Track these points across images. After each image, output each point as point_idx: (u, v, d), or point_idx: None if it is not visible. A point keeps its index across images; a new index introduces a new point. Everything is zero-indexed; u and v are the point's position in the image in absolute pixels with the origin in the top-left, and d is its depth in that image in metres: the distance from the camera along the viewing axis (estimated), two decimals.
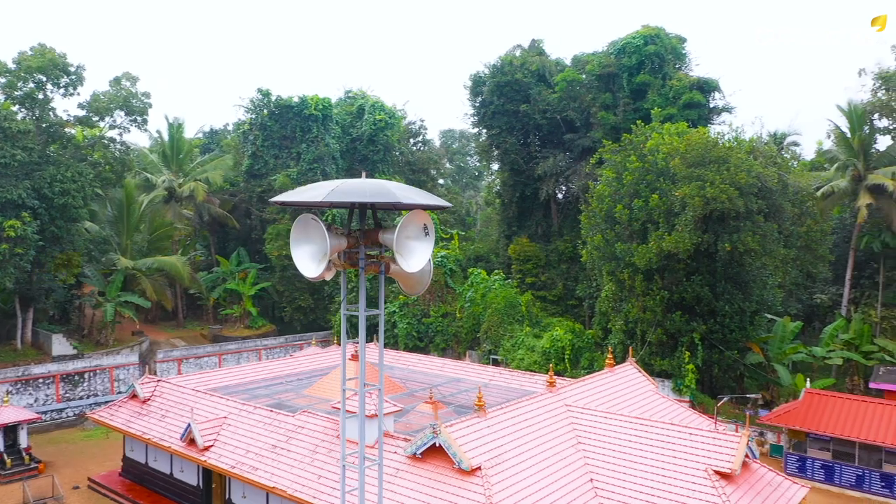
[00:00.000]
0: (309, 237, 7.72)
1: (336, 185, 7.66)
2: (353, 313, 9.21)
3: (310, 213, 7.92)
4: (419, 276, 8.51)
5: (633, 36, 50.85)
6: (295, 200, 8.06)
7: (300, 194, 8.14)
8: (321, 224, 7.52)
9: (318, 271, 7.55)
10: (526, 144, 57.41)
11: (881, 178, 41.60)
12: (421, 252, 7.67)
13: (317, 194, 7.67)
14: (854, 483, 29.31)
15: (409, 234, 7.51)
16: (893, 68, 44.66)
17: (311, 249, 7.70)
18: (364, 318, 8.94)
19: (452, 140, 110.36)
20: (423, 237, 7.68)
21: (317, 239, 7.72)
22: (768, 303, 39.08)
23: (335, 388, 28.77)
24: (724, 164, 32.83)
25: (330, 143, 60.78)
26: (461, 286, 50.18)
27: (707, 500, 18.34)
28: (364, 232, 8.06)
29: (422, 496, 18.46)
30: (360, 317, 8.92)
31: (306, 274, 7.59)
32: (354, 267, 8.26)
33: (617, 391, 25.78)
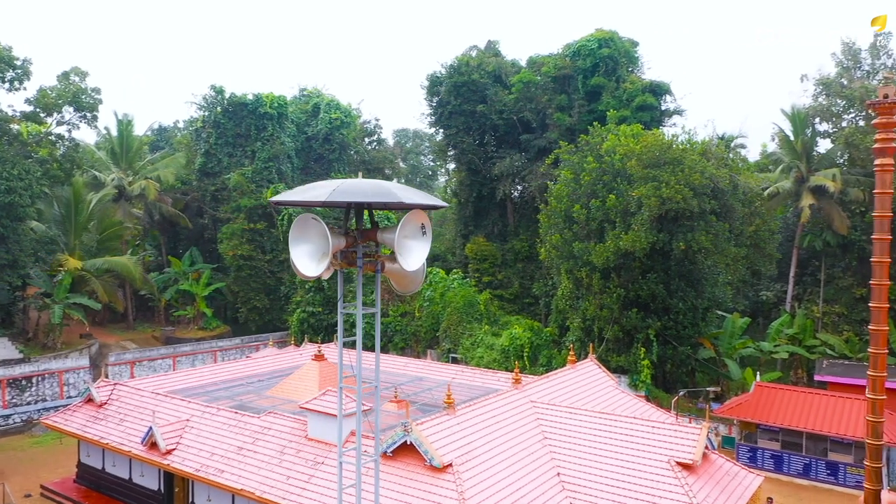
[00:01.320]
0: (308, 237, 7.79)
1: (337, 184, 7.76)
2: (350, 312, 9.30)
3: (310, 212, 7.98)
4: (413, 275, 8.67)
5: (588, 39, 51.87)
6: (295, 200, 8.11)
7: (301, 194, 8.19)
8: (322, 224, 7.60)
9: (319, 271, 7.63)
10: (482, 144, 57.91)
11: (823, 180, 43.47)
12: (419, 251, 7.83)
13: (319, 194, 7.75)
14: (801, 471, 30.63)
15: (406, 234, 7.66)
16: (833, 75, 46.76)
17: (309, 249, 7.77)
18: (361, 316, 9.04)
19: (406, 139, 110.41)
20: (421, 236, 7.84)
21: (315, 238, 7.79)
22: (719, 300, 40.47)
23: (299, 388, 28.58)
24: (678, 166, 33.87)
25: (286, 142, 60.14)
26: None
27: (670, 490, 18.96)
28: (362, 231, 8.17)
29: (394, 494, 18.56)
30: (357, 315, 9.02)
31: (306, 273, 7.66)
32: (351, 266, 8.35)
33: (579, 387, 26.35)
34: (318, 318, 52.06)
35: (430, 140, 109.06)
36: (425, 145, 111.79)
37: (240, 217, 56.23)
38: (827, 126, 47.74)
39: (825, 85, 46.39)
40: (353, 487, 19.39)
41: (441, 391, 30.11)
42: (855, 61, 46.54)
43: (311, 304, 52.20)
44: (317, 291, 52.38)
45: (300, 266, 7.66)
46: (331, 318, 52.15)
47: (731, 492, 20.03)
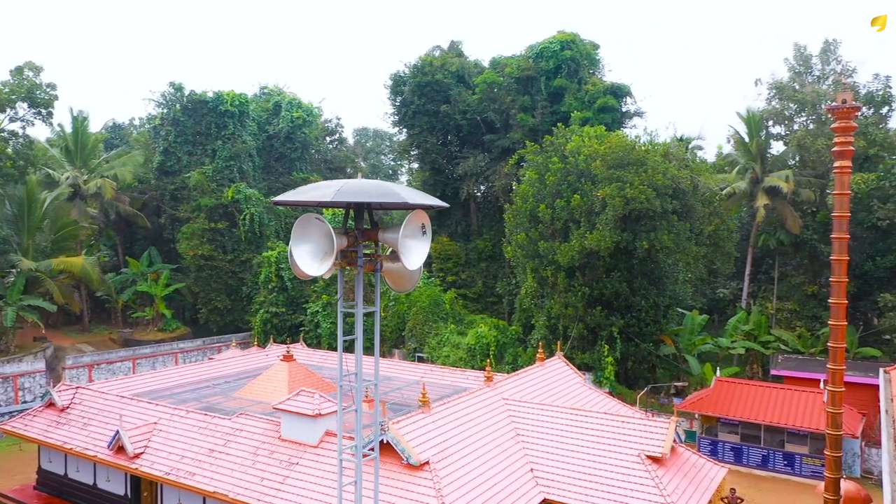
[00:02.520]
0: (309, 237, 7.86)
1: (341, 184, 7.85)
2: (349, 311, 9.38)
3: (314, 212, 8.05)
4: (412, 274, 8.81)
5: (550, 41, 52.57)
6: (298, 200, 8.17)
7: (304, 194, 8.25)
8: (327, 224, 7.68)
9: (322, 270, 7.71)
10: (446, 144, 58.17)
11: (776, 181, 44.92)
12: (419, 250, 7.98)
13: (323, 194, 7.82)
14: (760, 463, 31.68)
15: (407, 234, 7.80)
16: (786, 79, 48.36)
17: (311, 248, 7.84)
18: (361, 315, 9.14)
19: (366, 138, 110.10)
20: (421, 236, 7.99)
21: (317, 238, 7.86)
22: (679, 297, 41.53)
23: (268, 389, 28.37)
24: (642, 167, 34.66)
25: (247, 140, 59.38)
26: (384, 285, 50.22)
27: (641, 483, 19.48)
28: (362, 231, 8.27)
29: (372, 493, 18.61)
30: (356, 314, 9.11)
31: (309, 273, 7.73)
32: (350, 266, 8.44)
33: (549, 384, 26.78)
34: (281, 319, 51.61)
35: (390, 139, 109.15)
36: (386, 144, 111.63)
37: (200, 216, 55.33)
38: (780, 129, 49.33)
39: (778, 89, 47.95)
40: (338, 488, 19.46)
41: (411, 390, 30.26)
42: (806, 66, 48.22)
43: (274, 305, 51.73)
44: (280, 292, 51.94)
45: (302, 266, 7.73)
46: (294, 318, 51.76)
47: (699, 483, 20.66)
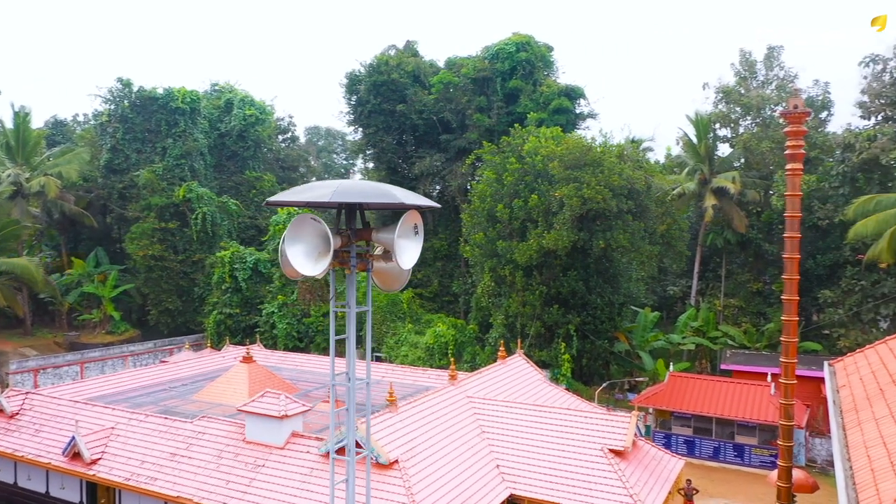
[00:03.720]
0: (303, 237, 7.89)
1: (337, 185, 7.90)
2: (341, 310, 9.43)
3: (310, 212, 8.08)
4: (400, 273, 8.93)
5: (506, 42, 53.16)
6: (294, 200, 8.19)
7: (300, 194, 8.27)
8: (323, 224, 7.73)
9: (318, 270, 7.75)
10: (402, 144, 58.20)
11: (723, 182, 46.42)
12: (412, 250, 8.10)
13: (321, 194, 7.86)
14: (712, 454, 32.78)
15: (401, 234, 7.92)
16: (732, 83, 50.08)
17: (305, 249, 7.87)
18: (354, 315, 9.20)
19: (318, 137, 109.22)
20: (414, 236, 8.11)
21: (311, 238, 7.91)
22: (633, 295, 42.57)
23: (227, 391, 27.97)
24: (598, 168, 35.44)
25: (198, 138, 58.19)
26: (342, 285, 49.99)
27: (604, 476, 19.98)
28: (355, 231, 8.35)
29: (341, 493, 18.60)
30: (349, 314, 9.16)
31: (304, 273, 7.76)
32: (342, 266, 8.51)
33: (511, 381, 27.16)
34: (235, 320, 50.82)
35: (342, 138, 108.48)
36: (338, 143, 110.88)
37: (150, 216, 54.02)
38: (726, 131, 51.06)
39: (725, 93, 49.63)
40: (298, 488, 19.38)
41: (374, 390, 30.26)
42: (751, 71, 50.04)
43: (227, 306, 50.90)
44: (234, 292, 51.15)
45: (297, 266, 7.76)
46: (248, 319, 51.05)
47: (659, 475, 21.31)
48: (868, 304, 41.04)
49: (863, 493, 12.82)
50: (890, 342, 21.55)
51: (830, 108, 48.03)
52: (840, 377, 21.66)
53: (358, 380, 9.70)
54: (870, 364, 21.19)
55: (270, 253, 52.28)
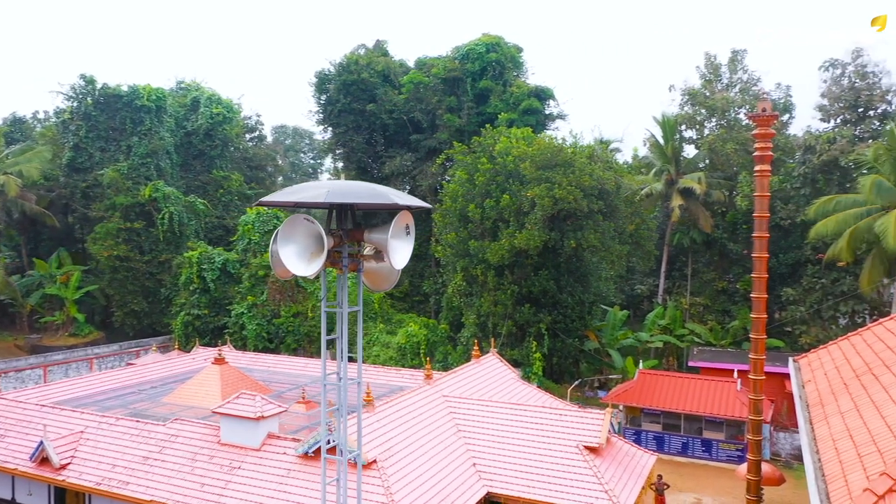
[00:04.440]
0: (296, 237, 7.90)
1: (330, 185, 7.92)
2: (332, 310, 9.44)
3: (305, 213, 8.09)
4: (388, 273, 8.99)
5: (476, 43, 53.42)
6: (287, 201, 8.18)
7: (293, 195, 8.26)
8: (317, 225, 7.75)
9: (312, 270, 7.77)
10: (372, 144, 58.09)
11: (690, 182, 47.33)
12: (404, 250, 8.17)
13: (314, 195, 7.87)
14: (680, 450, 33.42)
15: (394, 234, 7.98)
16: (697, 86, 51.06)
17: (297, 249, 7.89)
18: (347, 315, 9.22)
19: (285, 136, 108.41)
20: (405, 236, 8.18)
21: (303, 238, 7.92)
22: (603, 294, 43.15)
23: (199, 393, 27.63)
24: (569, 168, 35.86)
25: (164, 137, 57.23)
26: (313, 285, 49.75)
27: (580, 472, 20.28)
28: (347, 231, 8.38)
29: (319, 494, 18.56)
30: (342, 314, 9.19)
31: (297, 273, 7.78)
32: (334, 266, 8.53)
33: (485, 380, 27.35)
34: (203, 321, 50.15)
35: (310, 137, 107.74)
36: (305, 143, 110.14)
37: (115, 216, 52.96)
38: (692, 133, 52.04)
39: (690, 95, 50.57)
40: (275, 490, 19.28)
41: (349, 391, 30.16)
42: (716, 74, 51.08)
43: (195, 307, 50.19)
44: (202, 293, 50.47)
45: (290, 266, 7.77)
46: (217, 320, 50.43)
47: (632, 470, 21.69)
48: (828, 302, 42.24)
49: (832, 484, 13.25)
50: (852, 338, 22.26)
51: (792, 111, 49.30)
52: (805, 373, 22.29)
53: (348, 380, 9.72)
54: (833, 360, 21.85)
55: (239, 253, 51.71)
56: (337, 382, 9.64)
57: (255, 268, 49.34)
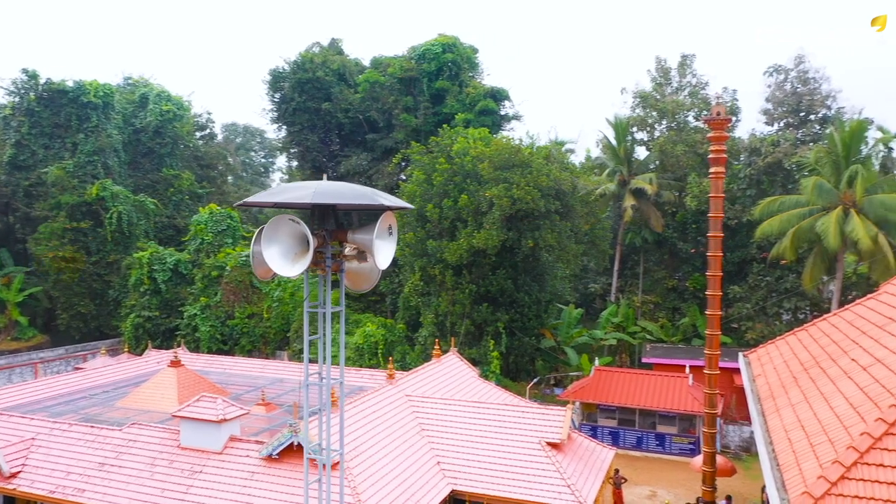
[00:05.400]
0: (279, 238, 7.91)
1: (316, 186, 7.94)
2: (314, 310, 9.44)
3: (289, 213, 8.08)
4: (369, 273, 9.06)
5: (432, 43, 53.58)
6: (269, 201, 8.16)
7: (277, 195, 8.25)
8: (303, 225, 7.76)
9: (296, 271, 7.78)
10: (328, 143, 57.70)
11: (641, 183, 48.42)
12: (388, 250, 8.26)
13: (300, 195, 7.87)
14: (635, 444, 34.23)
15: (378, 234, 8.06)
16: (649, 88, 52.28)
17: (280, 250, 7.89)
18: (330, 315, 9.24)
19: (236, 134, 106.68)
20: (388, 237, 8.27)
21: (287, 239, 7.92)
22: (558, 293, 43.82)
23: (155, 397, 27.07)
24: (527, 168, 36.32)
25: (112, 134, 55.66)
26: (268, 286, 49.14)
27: (542, 468, 20.65)
28: (331, 232, 8.41)
29: (284, 496, 18.46)
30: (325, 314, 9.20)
31: (283, 274, 7.78)
32: (316, 266, 8.55)
33: (447, 379, 27.54)
34: (154, 323, 49.01)
35: (261, 136, 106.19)
36: (256, 141, 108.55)
37: (60, 215, 51.28)
38: (643, 135, 53.24)
39: (642, 98, 51.74)
40: (238, 493, 19.06)
41: None
42: (666, 78, 52.38)
43: (146, 309, 49.02)
44: (153, 294, 49.31)
45: (274, 267, 7.77)
46: (168, 322, 49.35)
47: (593, 465, 22.18)
48: (772, 299, 43.84)
49: (787, 473, 13.86)
50: (798, 333, 23.22)
51: (738, 114, 50.92)
52: (755, 367, 23.15)
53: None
54: (781, 354, 22.76)
55: (191, 253, 50.72)
56: (318, 382, 9.63)
57: (209, 268, 48.48)
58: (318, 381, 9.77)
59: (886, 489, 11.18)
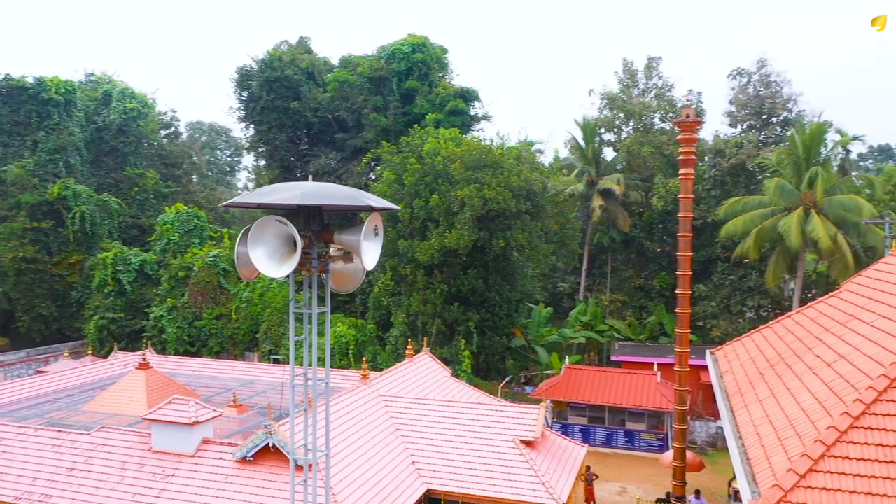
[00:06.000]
0: (266, 239, 7.89)
1: (304, 187, 7.95)
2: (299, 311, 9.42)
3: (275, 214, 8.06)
4: (353, 274, 9.10)
5: (402, 43, 53.56)
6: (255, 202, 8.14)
7: (265, 196, 8.21)
8: (291, 226, 7.76)
9: (283, 272, 7.77)
10: (296, 142, 57.28)
11: (609, 184, 49.09)
12: (374, 251, 8.30)
13: (287, 196, 7.87)
14: (605, 441, 34.71)
15: (365, 235, 8.09)
16: (616, 90, 53.03)
17: (267, 251, 7.87)
18: (316, 317, 9.23)
19: (201, 133, 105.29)
20: (374, 238, 8.32)
21: (273, 240, 7.92)
22: (529, 292, 44.18)
23: (123, 400, 26.61)
24: (498, 169, 36.56)
25: (74, 132, 54.42)
26: (236, 286, 48.58)
27: (517, 466, 20.86)
28: (317, 233, 8.42)
29: (259, 498, 18.34)
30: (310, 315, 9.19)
31: (270, 275, 7.77)
32: (301, 267, 8.55)
33: (420, 379, 27.60)
34: (119, 325, 48.10)
35: (226, 134, 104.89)
36: (221, 140, 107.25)
37: (20, 215, 49.98)
38: (610, 136, 53.99)
39: (609, 99, 52.48)
40: (212, 497, 18.86)
41: (276, 394, 29.70)
42: (633, 80, 53.18)
43: (111, 310, 48.07)
44: (118, 296, 48.38)
45: (262, 268, 7.76)
46: (134, 324, 48.49)
47: (566, 462, 22.46)
48: (736, 297, 44.84)
49: (757, 466, 14.25)
50: (763, 330, 23.82)
51: (703, 116, 51.93)
52: (722, 364, 23.68)
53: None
54: (747, 351, 23.32)
55: (157, 254, 49.89)
56: (304, 383, 9.63)
57: (175, 269, 47.75)
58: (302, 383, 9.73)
59: (853, 480, 11.57)
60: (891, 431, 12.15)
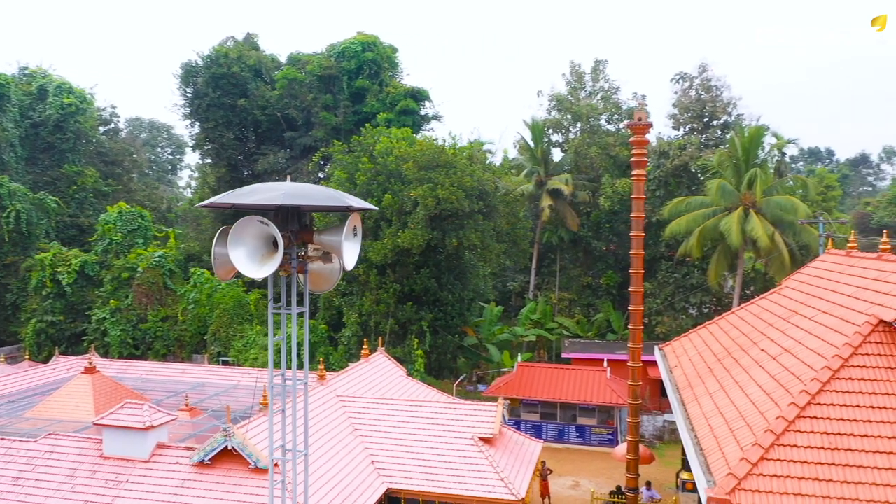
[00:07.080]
0: (246, 239, 7.87)
1: (286, 188, 7.94)
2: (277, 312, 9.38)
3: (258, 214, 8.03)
4: (330, 274, 9.14)
5: (352, 42, 53.30)
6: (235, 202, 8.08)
7: (245, 197, 8.15)
8: (272, 227, 7.75)
9: (264, 272, 7.76)
10: (243, 140, 56.33)
11: (558, 184, 49.95)
12: (354, 251, 8.37)
13: (269, 196, 7.84)
14: (557, 437, 35.37)
15: (346, 236, 8.16)
16: (564, 92, 54.02)
17: (247, 251, 7.85)
18: (295, 317, 9.21)
19: (141, 130, 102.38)
20: (353, 238, 8.39)
21: (253, 241, 7.90)
22: (480, 291, 44.60)
23: (69, 405, 25.78)
24: (451, 169, 36.81)
25: (8, 128, 52.21)
26: (182, 287, 47.47)
27: (475, 462, 21.13)
28: (296, 233, 8.44)
29: (218, 502, 18.08)
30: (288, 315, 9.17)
31: (251, 275, 7.75)
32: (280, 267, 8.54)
33: (377, 379, 27.62)
34: (58, 328, 46.42)
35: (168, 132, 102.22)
36: (163, 137, 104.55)
37: None
38: (558, 137, 54.97)
39: (557, 101, 53.43)
40: (168, 502, 18.51)
41: (228, 396, 29.29)
42: (580, 82, 54.26)
43: (49, 313, 46.34)
44: (56, 298, 46.66)
45: (242, 268, 7.73)
46: (74, 326, 46.87)
47: (523, 458, 22.86)
48: (680, 295, 46.27)
49: (710, 457, 14.87)
50: (710, 326, 24.76)
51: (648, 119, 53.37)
52: (671, 359, 24.50)
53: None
54: (695, 346, 24.20)
55: (99, 254, 48.32)
56: (282, 384, 9.62)
57: (119, 270, 46.37)
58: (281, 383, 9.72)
59: (802, 467, 12.23)
60: (835, 420, 12.89)
